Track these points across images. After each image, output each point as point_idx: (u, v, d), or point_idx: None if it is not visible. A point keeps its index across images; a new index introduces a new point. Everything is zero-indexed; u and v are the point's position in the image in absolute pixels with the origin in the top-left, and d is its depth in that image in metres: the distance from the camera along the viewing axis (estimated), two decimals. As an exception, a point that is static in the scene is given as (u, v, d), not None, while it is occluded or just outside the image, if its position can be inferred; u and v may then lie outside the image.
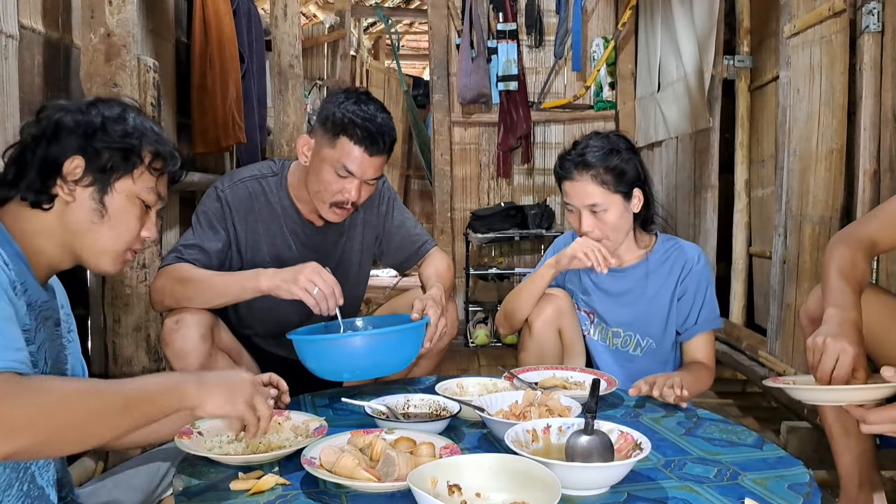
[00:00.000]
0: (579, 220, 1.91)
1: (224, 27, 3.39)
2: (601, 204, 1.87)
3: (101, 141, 1.22)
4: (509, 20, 4.70)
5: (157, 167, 1.28)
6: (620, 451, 1.24)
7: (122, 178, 1.24)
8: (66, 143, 1.21)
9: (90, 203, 1.22)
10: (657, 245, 2.00)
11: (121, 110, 1.27)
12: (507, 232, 4.56)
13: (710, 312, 1.95)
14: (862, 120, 2.22)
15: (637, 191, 1.91)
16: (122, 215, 1.25)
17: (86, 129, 1.22)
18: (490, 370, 3.69)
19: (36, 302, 1.18)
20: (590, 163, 1.87)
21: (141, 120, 1.28)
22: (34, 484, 1.15)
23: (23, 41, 2.08)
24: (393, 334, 1.65)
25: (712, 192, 3.47)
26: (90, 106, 1.26)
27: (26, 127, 1.25)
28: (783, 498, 1.14)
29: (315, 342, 1.65)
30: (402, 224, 2.13)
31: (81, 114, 1.24)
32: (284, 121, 4.07)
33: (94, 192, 1.22)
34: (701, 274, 1.95)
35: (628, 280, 1.98)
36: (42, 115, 1.24)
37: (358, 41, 8.31)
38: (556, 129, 4.87)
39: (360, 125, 1.78)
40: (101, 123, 1.23)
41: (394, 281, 6.56)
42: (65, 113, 1.23)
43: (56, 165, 1.20)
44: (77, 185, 1.21)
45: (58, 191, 1.20)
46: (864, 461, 1.69)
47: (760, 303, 3.33)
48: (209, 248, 1.88)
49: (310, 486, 1.19)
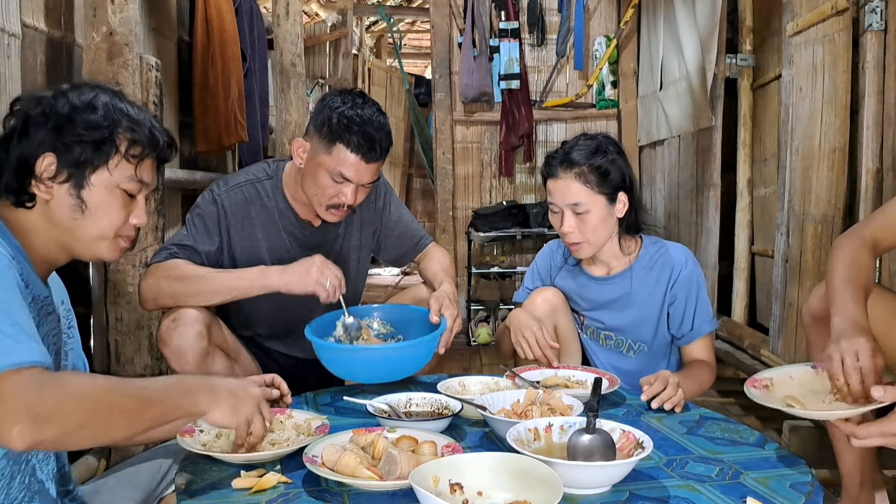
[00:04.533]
0: (561, 221, 1.87)
1: (226, 26, 3.39)
2: (583, 203, 1.83)
3: (70, 134, 1.18)
4: (511, 19, 4.69)
5: (135, 154, 1.23)
6: (622, 449, 1.24)
7: (97, 170, 1.20)
8: (36, 139, 1.17)
9: (69, 199, 1.19)
10: (642, 250, 1.94)
11: (92, 96, 1.21)
12: (508, 231, 4.56)
13: (705, 315, 1.90)
14: (865, 118, 2.21)
15: (622, 195, 1.87)
16: (103, 208, 1.21)
17: (55, 123, 1.18)
18: (492, 369, 3.69)
19: (38, 296, 1.18)
20: (574, 161, 1.84)
21: (114, 104, 1.22)
22: (34, 477, 1.15)
23: (25, 40, 2.08)
24: (411, 347, 1.69)
25: (714, 191, 3.46)
26: (59, 95, 1.20)
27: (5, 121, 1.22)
28: (785, 497, 1.14)
29: (333, 350, 1.69)
30: (399, 219, 2.14)
31: (50, 105, 1.19)
32: (286, 119, 4.07)
33: (70, 187, 1.19)
34: (690, 278, 1.89)
35: (615, 289, 1.94)
36: (15, 110, 1.21)
37: (360, 40, 8.30)
38: (558, 128, 4.86)
39: (357, 132, 1.77)
40: (69, 114, 1.18)
41: (395, 279, 6.57)
42: (34, 105, 1.19)
43: (28, 165, 1.17)
44: (53, 183, 1.18)
45: (35, 190, 1.18)
46: (865, 460, 1.69)
47: (763, 301, 3.33)
48: (202, 249, 1.87)
49: (312, 485, 1.19)
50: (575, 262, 2.01)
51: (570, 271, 2.03)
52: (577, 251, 1.89)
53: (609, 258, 1.95)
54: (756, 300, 3.42)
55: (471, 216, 4.76)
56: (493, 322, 4.63)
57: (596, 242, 1.87)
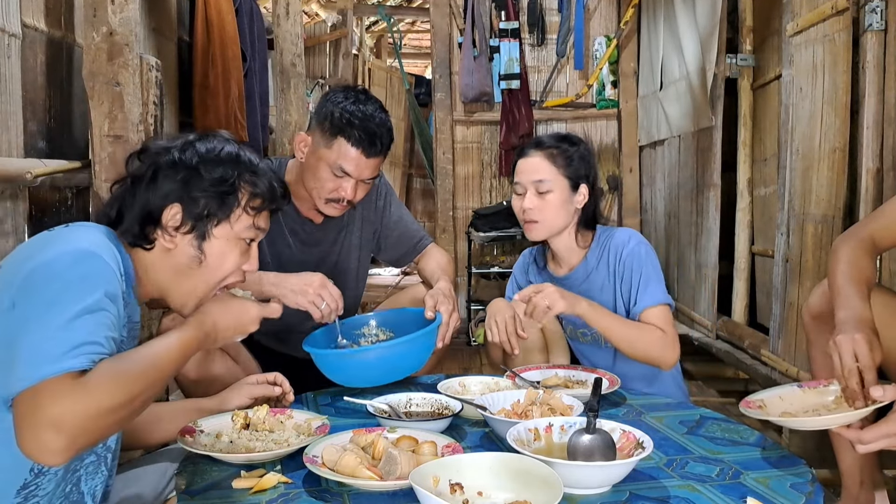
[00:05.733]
0: (523, 200, 1.92)
1: (226, 26, 3.39)
2: (547, 181, 1.89)
3: (197, 188, 1.22)
4: (511, 19, 4.69)
5: (255, 206, 1.28)
6: (622, 449, 1.24)
7: (221, 223, 1.25)
8: (164, 189, 1.21)
9: (190, 250, 1.23)
10: (594, 242, 1.99)
11: (218, 149, 1.26)
12: (508, 231, 4.56)
13: (655, 287, 1.88)
14: (865, 118, 2.21)
15: (584, 187, 1.93)
16: (220, 259, 1.26)
17: (183, 176, 1.22)
18: (492, 369, 3.68)
19: (132, 318, 1.20)
20: (544, 143, 1.95)
21: (238, 156, 1.27)
22: (76, 488, 1.16)
23: (25, 40, 2.08)
24: (404, 344, 1.68)
25: (715, 191, 3.46)
26: (188, 145, 1.25)
27: (129, 162, 1.26)
28: (785, 497, 1.14)
29: (328, 357, 1.69)
30: (399, 219, 2.14)
31: (179, 155, 1.23)
32: (286, 119, 4.07)
33: (192, 238, 1.23)
34: (634, 254, 1.90)
35: (574, 284, 1.95)
36: (144, 156, 1.25)
37: (360, 40, 8.30)
38: (558, 128, 4.85)
39: (358, 126, 1.78)
40: (196, 166, 1.23)
41: (395, 280, 6.57)
42: (165, 154, 1.23)
43: (155, 214, 1.21)
44: (177, 233, 1.22)
45: (157, 237, 1.22)
46: (865, 460, 1.69)
47: (763, 301, 3.33)
48: None
49: (312, 485, 1.19)
50: (543, 264, 2.07)
51: (540, 273, 2.08)
52: (531, 230, 1.93)
53: (567, 254, 1.99)
54: (756, 300, 3.42)
55: (471, 216, 4.76)
56: (493, 322, 4.63)
57: (551, 226, 1.92)
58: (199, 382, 1.74)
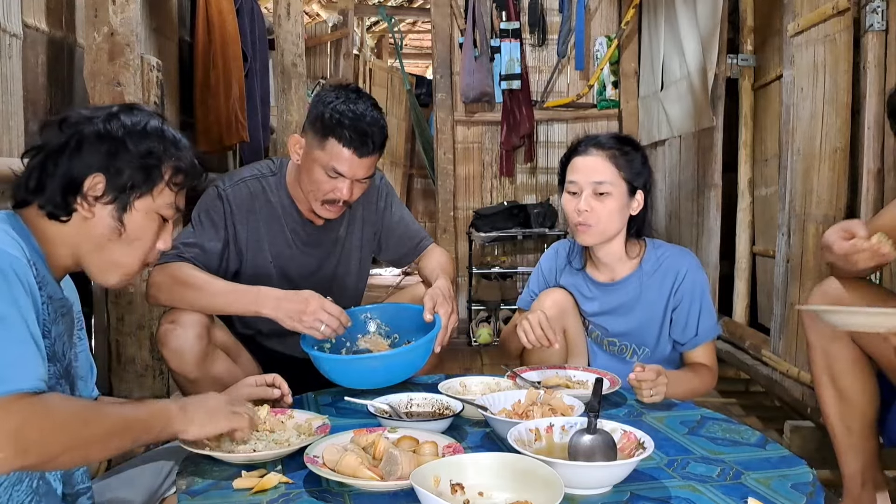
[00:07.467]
0: (578, 201, 1.82)
1: (227, 26, 3.40)
2: (607, 183, 1.81)
3: (122, 159, 1.21)
4: (512, 19, 4.69)
5: (178, 182, 1.28)
6: (623, 450, 1.24)
7: (143, 196, 1.24)
8: (88, 158, 1.20)
9: (109, 221, 1.22)
10: (647, 254, 1.92)
11: (143, 122, 1.25)
12: (509, 231, 4.56)
13: (709, 321, 1.88)
14: (866, 119, 2.21)
15: (640, 193, 1.86)
16: (139, 232, 1.25)
17: (108, 146, 1.21)
18: (493, 369, 3.69)
19: (54, 296, 1.19)
20: (604, 142, 1.86)
21: (162, 131, 1.27)
22: (43, 479, 1.16)
23: (26, 40, 2.08)
24: (408, 353, 1.69)
25: (715, 191, 3.46)
26: (112, 117, 1.24)
27: (47, 132, 1.24)
28: (786, 497, 1.14)
29: (328, 361, 1.69)
30: (400, 219, 2.14)
31: (104, 126, 1.22)
32: (287, 119, 4.07)
33: (113, 209, 1.22)
34: (695, 282, 1.87)
35: (622, 293, 1.92)
36: (65, 125, 1.23)
37: (361, 40, 8.31)
38: (559, 128, 4.86)
39: (349, 126, 1.76)
40: (123, 138, 1.22)
41: (396, 280, 6.57)
42: (88, 124, 1.22)
43: (77, 182, 1.20)
44: (97, 202, 1.21)
45: (77, 207, 1.20)
46: (867, 460, 1.69)
47: (764, 302, 3.33)
48: (209, 247, 1.87)
49: (313, 485, 1.19)
50: (580, 265, 2.00)
51: (574, 275, 2.01)
52: (584, 233, 1.85)
53: (613, 261, 1.92)
54: (757, 300, 3.42)
55: (472, 216, 4.76)
56: (493, 322, 4.63)
57: (604, 231, 1.84)
58: (199, 383, 1.74)
